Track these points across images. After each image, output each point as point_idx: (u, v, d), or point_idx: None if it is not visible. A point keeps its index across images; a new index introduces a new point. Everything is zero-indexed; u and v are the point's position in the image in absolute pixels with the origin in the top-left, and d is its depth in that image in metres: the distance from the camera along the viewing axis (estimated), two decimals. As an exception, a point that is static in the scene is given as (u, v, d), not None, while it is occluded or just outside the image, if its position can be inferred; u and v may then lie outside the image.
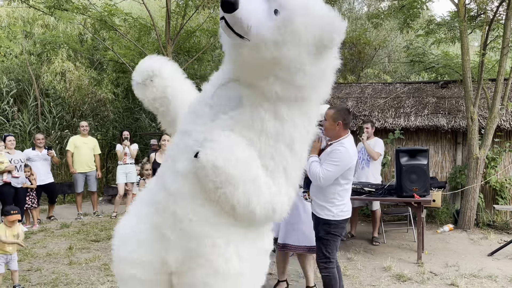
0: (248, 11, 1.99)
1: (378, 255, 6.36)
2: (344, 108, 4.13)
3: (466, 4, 7.76)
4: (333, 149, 3.88)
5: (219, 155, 2.13)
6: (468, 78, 7.73)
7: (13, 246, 4.75)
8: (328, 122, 3.92)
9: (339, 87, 11.41)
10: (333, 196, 3.90)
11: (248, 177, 2.18)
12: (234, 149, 2.18)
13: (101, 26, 10.26)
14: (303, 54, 2.13)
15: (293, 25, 2.06)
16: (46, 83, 13.39)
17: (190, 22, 11.21)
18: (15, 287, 4.83)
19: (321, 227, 3.94)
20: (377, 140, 7.22)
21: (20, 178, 7.55)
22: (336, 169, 3.79)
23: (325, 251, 3.93)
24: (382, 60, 17.47)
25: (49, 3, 8.69)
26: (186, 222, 2.32)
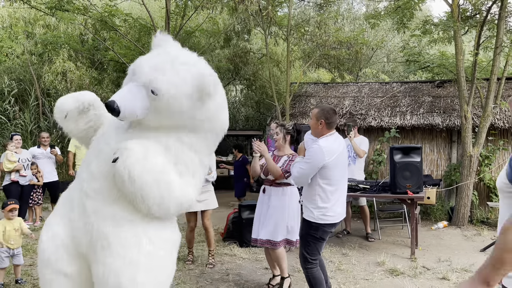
0: (128, 109, 2.52)
1: (373, 251, 6.50)
2: (328, 108, 4.05)
3: (459, 5, 7.90)
4: (308, 147, 3.88)
5: (135, 162, 2.48)
6: (462, 77, 7.87)
7: (16, 241, 4.88)
8: (312, 121, 3.95)
9: (336, 86, 11.56)
10: (314, 198, 3.85)
11: (161, 180, 2.54)
12: (148, 157, 2.53)
13: (101, 26, 10.39)
14: (187, 108, 2.64)
15: (169, 98, 2.58)
16: (47, 83, 13.53)
17: (190, 22, 11.34)
18: (18, 281, 4.96)
19: (302, 225, 4.01)
20: (363, 138, 7.36)
21: (27, 176, 7.72)
22: (307, 166, 3.76)
23: (303, 251, 3.94)
24: (380, 60, 17.61)
25: (51, 4, 8.83)
26: (93, 216, 2.64)
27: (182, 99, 2.61)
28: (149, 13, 9.85)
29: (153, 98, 2.57)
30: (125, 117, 2.57)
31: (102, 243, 2.63)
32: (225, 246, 6.63)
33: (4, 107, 12.83)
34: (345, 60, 13.17)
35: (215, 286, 4.99)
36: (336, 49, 11.70)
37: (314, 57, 11.79)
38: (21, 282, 4.97)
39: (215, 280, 5.18)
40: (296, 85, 11.11)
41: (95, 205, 2.67)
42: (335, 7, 15.12)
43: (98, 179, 2.68)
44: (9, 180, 7.49)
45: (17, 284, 4.95)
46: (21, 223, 4.99)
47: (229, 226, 6.99)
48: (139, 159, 2.49)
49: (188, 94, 2.61)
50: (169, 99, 2.57)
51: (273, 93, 10.82)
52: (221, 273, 5.44)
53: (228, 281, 5.15)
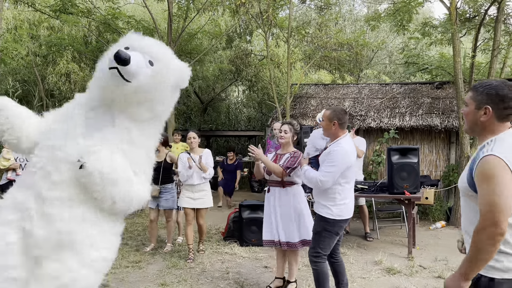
0: (136, 63, 2.68)
1: (371, 250, 6.61)
2: (340, 109, 4.17)
3: (457, 8, 8.00)
4: (331, 150, 3.95)
5: (103, 163, 2.72)
6: (459, 79, 7.97)
7: None
8: (325, 122, 4.03)
9: (336, 87, 11.68)
10: (333, 196, 3.96)
11: (125, 178, 2.81)
12: (113, 158, 2.79)
13: (105, 28, 10.52)
14: (166, 92, 2.97)
15: (162, 73, 2.84)
16: (51, 84, 13.69)
17: (192, 24, 11.48)
18: None
19: (319, 223, 4.05)
20: (360, 139, 7.47)
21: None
22: (334, 170, 3.86)
23: (317, 246, 4.03)
24: (381, 61, 17.71)
25: (55, 7, 8.97)
26: (59, 222, 2.81)
27: (169, 79, 2.93)
28: (152, 15, 9.98)
29: (148, 67, 2.80)
30: (131, 72, 2.67)
31: (64, 243, 2.81)
32: (225, 245, 6.75)
33: (8, 108, 12.97)
34: (346, 61, 13.28)
35: (215, 284, 5.11)
36: (336, 51, 11.82)
37: (314, 58, 11.91)
38: None
39: (215, 278, 5.30)
40: (297, 86, 11.23)
41: (59, 211, 2.82)
42: (337, 8, 15.25)
43: (61, 186, 2.84)
44: (6, 179, 7.55)
45: None
46: None
47: (230, 226, 7.11)
48: (107, 161, 2.74)
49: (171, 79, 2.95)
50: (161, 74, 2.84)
51: (274, 94, 10.95)
52: (221, 271, 5.56)
53: (228, 279, 5.27)
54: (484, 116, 2.17)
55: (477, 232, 2.01)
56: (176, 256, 6.15)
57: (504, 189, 1.99)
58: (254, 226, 6.72)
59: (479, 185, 2.07)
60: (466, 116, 2.29)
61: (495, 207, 1.98)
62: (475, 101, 2.21)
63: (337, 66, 13.89)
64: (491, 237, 1.97)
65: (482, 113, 2.17)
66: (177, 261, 5.87)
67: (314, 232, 4.14)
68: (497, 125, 2.17)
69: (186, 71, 3.08)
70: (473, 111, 2.22)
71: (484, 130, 2.20)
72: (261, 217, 6.70)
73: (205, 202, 6.01)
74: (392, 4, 9.26)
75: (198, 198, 5.94)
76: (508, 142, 2.11)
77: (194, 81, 13.91)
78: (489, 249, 1.98)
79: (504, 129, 2.17)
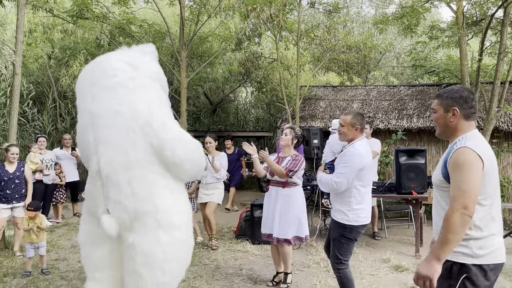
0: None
1: (379, 249, 6.78)
2: (359, 113, 4.21)
3: (464, 12, 8.16)
4: (345, 152, 4.01)
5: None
6: (466, 82, 8.14)
7: (38, 236, 5.33)
8: (347, 128, 4.03)
9: (345, 89, 11.85)
10: (349, 200, 3.96)
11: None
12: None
13: (119, 33, 10.77)
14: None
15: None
16: (64, 85, 13.98)
17: (203, 27, 11.71)
18: (43, 270, 5.40)
19: (336, 229, 4.05)
20: (375, 140, 7.63)
21: (50, 175, 8.14)
22: (347, 170, 3.88)
23: (337, 253, 4.03)
24: (390, 62, 17.82)
25: (71, 12, 9.24)
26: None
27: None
28: (165, 19, 10.22)
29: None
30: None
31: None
32: (238, 243, 6.97)
33: (23, 109, 13.29)
34: (354, 63, 13.45)
35: (229, 280, 5.33)
36: (345, 53, 12.00)
37: (323, 61, 12.09)
38: (46, 272, 5.38)
39: (229, 274, 5.52)
40: (306, 88, 11.41)
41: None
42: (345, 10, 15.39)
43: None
44: (34, 179, 7.88)
45: (43, 274, 5.36)
46: (42, 220, 5.43)
47: (242, 224, 7.33)
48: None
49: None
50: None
51: (283, 96, 11.15)
52: (235, 268, 5.78)
53: (241, 275, 5.49)
54: (453, 117, 2.46)
55: (449, 216, 2.26)
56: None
57: (474, 178, 2.27)
58: (265, 225, 6.93)
59: (452, 174, 2.33)
60: (437, 120, 2.58)
61: (466, 192, 2.25)
62: (443, 106, 2.51)
63: (345, 68, 14.07)
64: (461, 218, 2.23)
65: (451, 115, 2.47)
66: (192, 259, 6.08)
67: (333, 238, 4.12)
68: (465, 124, 2.46)
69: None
70: (442, 115, 2.51)
71: (455, 130, 2.48)
72: (272, 216, 6.95)
73: (214, 198, 6.56)
74: (399, 8, 9.43)
75: (210, 194, 6.57)
76: (478, 138, 2.42)
77: (204, 83, 14.14)
78: (459, 230, 2.24)
79: (471, 128, 2.47)
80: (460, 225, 2.24)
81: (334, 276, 5.27)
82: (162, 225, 3.21)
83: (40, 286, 5.03)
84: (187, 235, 3.43)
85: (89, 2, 9.48)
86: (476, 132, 2.48)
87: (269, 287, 5.14)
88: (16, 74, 7.78)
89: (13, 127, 7.89)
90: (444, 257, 2.29)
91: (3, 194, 6.16)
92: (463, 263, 2.33)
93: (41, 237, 5.39)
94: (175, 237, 3.27)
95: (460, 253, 2.34)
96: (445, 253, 2.28)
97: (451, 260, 2.35)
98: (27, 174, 6.48)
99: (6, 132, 9.59)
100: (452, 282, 2.35)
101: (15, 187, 6.24)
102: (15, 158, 6.31)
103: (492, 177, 2.37)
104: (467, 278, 2.31)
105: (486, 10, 8.71)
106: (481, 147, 2.36)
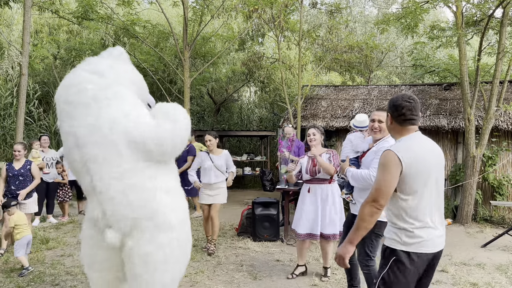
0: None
1: (379, 246, 6.88)
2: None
3: (463, 13, 8.25)
4: (380, 147, 3.96)
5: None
6: (465, 81, 8.22)
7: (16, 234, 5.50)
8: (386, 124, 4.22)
9: (347, 89, 11.95)
10: None
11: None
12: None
13: (123, 33, 10.92)
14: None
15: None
16: (70, 86, 14.14)
17: (206, 28, 11.83)
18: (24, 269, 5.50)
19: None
20: None
21: (50, 174, 8.29)
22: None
23: (367, 250, 4.06)
24: (392, 62, 17.90)
25: (77, 14, 9.40)
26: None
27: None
28: (168, 20, 10.35)
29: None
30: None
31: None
32: (239, 240, 7.10)
33: (29, 109, 13.48)
34: (356, 63, 13.54)
35: (230, 275, 5.46)
36: (347, 53, 12.09)
37: (325, 61, 12.20)
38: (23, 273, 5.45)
39: (230, 270, 5.65)
40: (308, 87, 11.53)
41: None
42: (348, 10, 15.48)
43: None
44: None
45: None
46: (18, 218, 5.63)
47: (243, 222, 7.46)
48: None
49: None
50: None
51: (285, 96, 11.26)
52: (236, 264, 5.91)
53: (242, 271, 5.61)
54: (388, 121, 2.89)
55: (362, 207, 2.68)
56: (193, 250, 6.50)
57: (389, 179, 2.62)
58: (266, 222, 7.06)
59: (377, 170, 2.72)
60: (385, 123, 3.11)
61: (378, 189, 2.63)
62: (386, 110, 2.94)
63: (347, 68, 14.16)
64: (370, 209, 2.63)
65: (388, 119, 2.89)
66: (194, 255, 6.23)
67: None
68: (400, 128, 2.82)
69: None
70: (386, 118, 2.95)
71: (392, 131, 2.89)
72: (273, 213, 7.08)
73: (218, 199, 6.41)
74: (400, 8, 9.52)
75: (214, 194, 6.40)
76: (410, 143, 2.73)
77: (207, 82, 14.26)
78: (367, 219, 2.64)
79: (408, 132, 2.80)
80: (368, 214, 2.63)
81: (332, 273, 5.42)
82: (160, 227, 3.24)
83: (46, 281, 5.18)
84: (185, 233, 3.46)
85: (94, 3, 9.64)
86: (413, 136, 2.77)
87: (290, 279, 5.30)
88: (22, 74, 7.98)
89: (19, 126, 8.08)
90: (356, 241, 2.70)
91: (9, 190, 6.37)
92: (394, 248, 2.73)
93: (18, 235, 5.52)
94: (173, 237, 3.30)
95: (393, 239, 2.74)
96: (357, 238, 2.69)
97: (385, 245, 2.78)
98: (34, 171, 6.64)
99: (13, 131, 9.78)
100: (384, 262, 2.76)
101: (19, 183, 6.43)
102: (17, 155, 6.49)
103: (417, 176, 2.66)
104: (396, 260, 2.71)
105: (487, 10, 8.78)
106: (406, 151, 2.66)
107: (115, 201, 3.19)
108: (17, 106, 8.32)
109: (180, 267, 3.46)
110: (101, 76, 3.28)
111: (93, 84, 3.23)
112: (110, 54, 3.57)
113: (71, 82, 3.30)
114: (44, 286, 5.02)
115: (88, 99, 3.19)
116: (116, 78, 3.34)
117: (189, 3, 10.56)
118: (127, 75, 3.51)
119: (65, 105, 3.27)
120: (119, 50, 3.63)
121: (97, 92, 3.20)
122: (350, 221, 4.34)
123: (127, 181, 3.18)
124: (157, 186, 3.28)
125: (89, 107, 3.18)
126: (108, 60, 3.47)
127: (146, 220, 3.22)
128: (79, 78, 3.27)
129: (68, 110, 3.24)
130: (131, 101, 3.33)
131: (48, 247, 6.60)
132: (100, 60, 3.48)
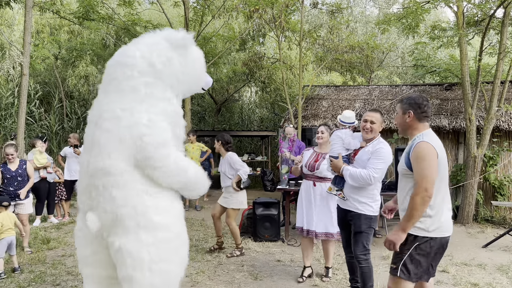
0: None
1: (379, 246, 6.89)
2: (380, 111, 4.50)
3: (464, 13, 8.24)
4: (377, 148, 4.09)
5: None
6: (466, 81, 8.22)
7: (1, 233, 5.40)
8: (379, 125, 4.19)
9: (347, 89, 11.95)
10: (373, 192, 4.16)
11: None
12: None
13: (124, 34, 10.93)
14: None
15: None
16: (71, 86, 14.19)
17: (207, 28, 11.83)
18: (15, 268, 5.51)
19: (363, 221, 4.13)
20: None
21: (52, 174, 8.31)
22: (384, 166, 4.02)
23: (365, 244, 4.14)
24: (393, 62, 17.89)
25: (78, 14, 9.41)
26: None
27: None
28: (169, 20, 10.36)
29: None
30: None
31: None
32: (240, 240, 7.10)
33: (30, 109, 13.51)
34: (357, 63, 13.53)
35: (231, 275, 5.46)
36: (348, 53, 12.09)
37: (326, 61, 12.19)
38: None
39: (231, 270, 5.65)
40: (309, 88, 11.52)
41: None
42: (349, 10, 15.48)
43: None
44: (39, 177, 8.02)
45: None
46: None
47: (244, 222, 7.46)
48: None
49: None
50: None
51: (286, 96, 11.26)
52: (237, 264, 5.91)
53: (243, 271, 5.61)
54: (408, 118, 3.16)
55: (413, 197, 2.93)
56: (194, 250, 6.51)
57: (432, 166, 2.92)
58: (267, 222, 7.06)
59: (414, 164, 2.97)
60: (396, 120, 3.31)
61: (426, 177, 2.90)
62: (401, 109, 3.23)
63: (348, 68, 14.15)
64: (423, 198, 2.89)
65: (407, 116, 3.17)
66: (195, 255, 6.24)
67: (358, 231, 4.16)
68: (419, 124, 3.15)
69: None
70: (400, 116, 3.22)
71: (410, 128, 3.17)
72: (274, 214, 7.07)
73: (229, 203, 6.27)
74: (401, 8, 9.52)
75: (225, 197, 6.32)
76: (432, 135, 3.11)
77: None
78: (420, 208, 2.91)
79: (425, 128, 3.16)
80: (421, 204, 2.90)
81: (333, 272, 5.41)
82: (143, 226, 3.18)
83: (47, 281, 5.18)
84: (174, 235, 3.34)
85: (95, 3, 9.64)
86: (430, 130, 3.15)
87: (301, 283, 5.21)
88: (23, 74, 7.99)
89: (21, 126, 8.09)
90: (408, 229, 2.98)
91: (7, 191, 6.33)
92: (416, 235, 3.02)
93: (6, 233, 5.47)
94: (159, 237, 3.22)
95: (416, 227, 3.01)
96: (409, 226, 2.97)
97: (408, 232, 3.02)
98: (29, 170, 6.63)
99: (14, 131, 9.80)
100: (407, 247, 3.04)
101: (18, 184, 6.41)
102: (11, 158, 6.43)
103: (441, 165, 3.01)
104: (417, 246, 3.02)
105: (488, 10, 8.77)
106: (435, 141, 3.02)
107: (98, 192, 3.17)
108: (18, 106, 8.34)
109: (174, 268, 3.35)
110: (151, 64, 3.24)
111: (142, 75, 3.22)
112: (172, 37, 3.38)
113: (125, 60, 3.27)
114: (45, 286, 5.02)
115: (129, 88, 3.18)
116: (166, 77, 3.31)
117: (190, 3, 10.57)
118: (180, 76, 3.41)
119: (109, 82, 3.29)
120: (183, 34, 3.40)
121: (141, 86, 3.19)
122: (342, 217, 4.39)
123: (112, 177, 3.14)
124: (142, 189, 3.21)
125: (125, 96, 3.18)
126: (169, 47, 3.36)
127: (129, 218, 3.16)
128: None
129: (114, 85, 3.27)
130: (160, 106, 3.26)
131: (49, 247, 6.61)
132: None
